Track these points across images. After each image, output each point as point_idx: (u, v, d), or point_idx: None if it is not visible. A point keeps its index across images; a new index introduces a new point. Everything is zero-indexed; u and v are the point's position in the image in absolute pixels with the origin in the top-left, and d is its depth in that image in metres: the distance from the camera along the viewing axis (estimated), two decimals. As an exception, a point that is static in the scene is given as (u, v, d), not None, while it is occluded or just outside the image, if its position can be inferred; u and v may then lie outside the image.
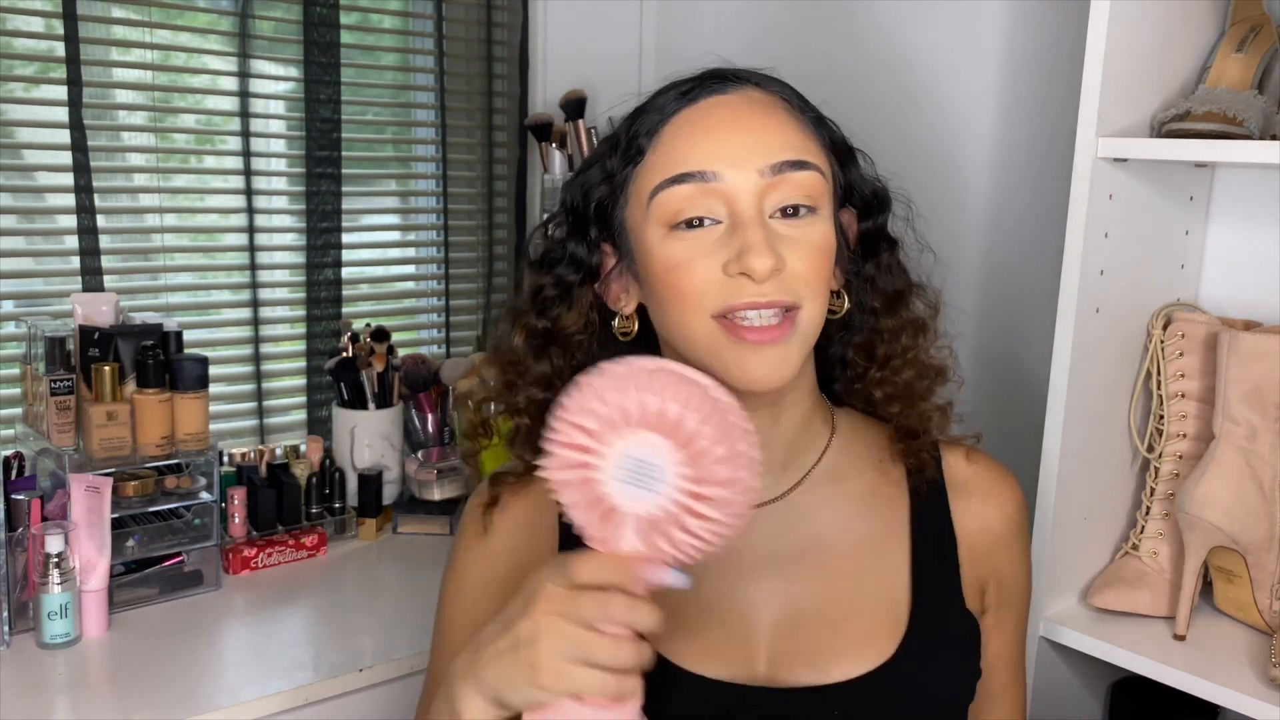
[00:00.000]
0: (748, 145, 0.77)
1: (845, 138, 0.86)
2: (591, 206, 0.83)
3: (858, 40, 1.67)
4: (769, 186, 0.76)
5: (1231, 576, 1.16)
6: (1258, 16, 1.17)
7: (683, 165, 0.77)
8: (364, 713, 1.27)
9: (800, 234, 0.77)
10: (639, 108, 0.83)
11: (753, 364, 0.76)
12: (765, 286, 0.74)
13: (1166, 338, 1.19)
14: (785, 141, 0.77)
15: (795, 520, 0.85)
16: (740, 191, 0.76)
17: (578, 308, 0.85)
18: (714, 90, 0.80)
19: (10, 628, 1.28)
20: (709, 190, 0.76)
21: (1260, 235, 1.25)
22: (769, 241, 0.74)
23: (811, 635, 0.82)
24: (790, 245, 0.76)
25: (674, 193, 0.77)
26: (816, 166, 0.78)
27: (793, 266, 0.76)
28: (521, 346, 0.86)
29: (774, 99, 0.81)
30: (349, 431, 1.69)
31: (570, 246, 0.84)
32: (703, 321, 0.77)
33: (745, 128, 0.78)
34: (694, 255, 0.76)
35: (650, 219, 0.78)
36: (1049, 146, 1.44)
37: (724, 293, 0.75)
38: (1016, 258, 1.50)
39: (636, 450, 0.64)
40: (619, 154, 0.82)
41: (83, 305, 1.42)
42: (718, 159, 0.76)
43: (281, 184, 1.77)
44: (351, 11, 1.78)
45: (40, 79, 1.56)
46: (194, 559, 1.44)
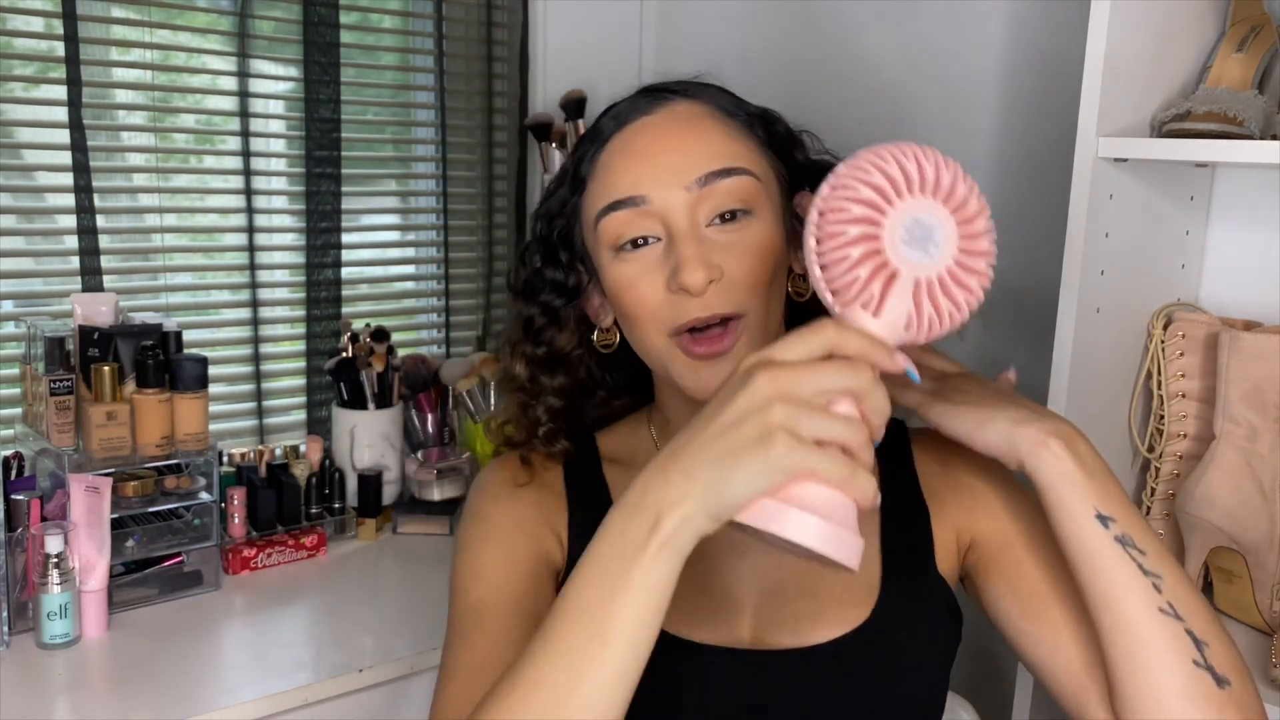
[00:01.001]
0: (672, 164, 0.80)
1: (787, 127, 0.88)
2: (555, 234, 0.88)
3: (857, 40, 1.67)
4: (699, 199, 0.80)
5: (1232, 576, 1.16)
6: (1258, 16, 1.17)
7: (616, 192, 0.82)
8: (364, 713, 1.27)
9: (736, 238, 0.80)
10: (583, 135, 0.89)
11: (705, 376, 0.80)
12: (706, 298, 0.78)
13: (1167, 338, 1.19)
14: (710, 152, 0.81)
15: None
16: (671, 209, 0.80)
17: (567, 328, 0.90)
18: (642, 111, 0.84)
19: (10, 628, 1.28)
20: (643, 213, 0.80)
21: (1260, 235, 1.25)
22: (701, 255, 0.78)
23: (792, 604, 0.85)
24: (727, 251, 0.80)
25: (613, 219, 0.81)
26: (746, 170, 0.81)
27: (731, 273, 0.79)
28: (526, 371, 0.91)
29: (702, 108, 0.84)
30: (349, 431, 1.69)
31: (548, 273, 0.89)
32: (659, 338, 0.81)
33: (669, 147, 0.81)
34: (639, 275, 0.81)
35: (600, 243, 0.83)
36: (1049, 146, 1.44)
37: (671, 311, 0.80)
38: (1016, 258, 1.50)
39: (920, 212, 0.64)
40: (568, 183, 0.87)
41: (82, 305, 1.41)
42: (645, 182, 0.80)
43: (281, 184, 1.77)
44: (351, 11, 1.78)
45: (40, 79, 1.56)
46: (194, 559, 1.44)
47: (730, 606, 0.86)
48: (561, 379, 0.91)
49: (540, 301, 0.90)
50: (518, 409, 0.92)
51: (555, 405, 0.91)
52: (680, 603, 0.83)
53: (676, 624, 0.84)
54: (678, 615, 0.83)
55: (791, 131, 0.89)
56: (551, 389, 0.91)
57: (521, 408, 0.92)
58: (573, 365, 0.92)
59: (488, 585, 0.85)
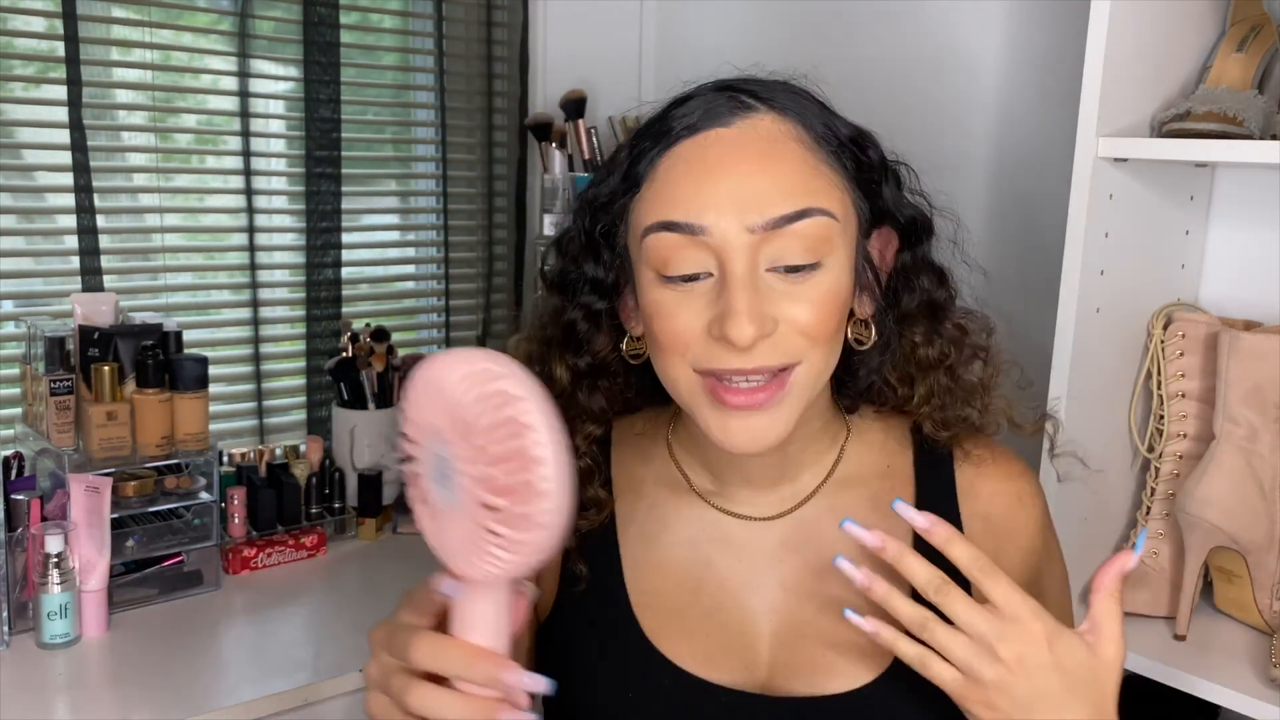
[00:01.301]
0: (740, 197, 0.71)
1: (881, 155, 0.79)
2: (598, 229, 0.80)
3: (857, 40, 1.67)
4: (764, 240, 0.71)
5: (1232, 576, 1.16)
6: (1258, 16, 1.17)
7: (672, 211, 0.72)
8: (364, 713, 1.26)
9: (801, 289, 0.72)
10: (648, 122, 0.78)
11: (735, 428, 0.73)
12: (751, 353, 0.71)
13: (1167, 338, 1.19)
14: (785, 189, 0.72)
15: (799, 532, 0.84)
16: (730, 247, 0.71)
17: (604, 331, 0.83)
18: (717, 119, 0.74)
19: (10, 628, 1.28)
20: (698, 243, 0.71)
21: (1260, 235, 1.25)
22: (753, 307, 0.70)
23: (807, 649, 0.81)
24: (787, 300, 0.72)
25: (662, 239, 0.73)
26: (824, 211, 0.72)
27: (790, 324, 0.72)
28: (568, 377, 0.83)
29: (786, 129, 0.74)
30: (349, 431, 1.69)
31: (588, 269, 0.81)
32: (685, 372, 0.74)
33: (740, 174, 0.72)
34: (679, 306, 0.73)
35: (643, 259, 0.75)
36: (1049, 146, 1.44)
37: (706, 353, 0.72)
38: (1016, 258, 1.50)
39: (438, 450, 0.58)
40: (620, 178, 0.78)
41: (82, 305, 1.41)
42: (707, 210, 0.71)
43: (281, 184, 1.77)
44: (351, 11, 1.78)
45: (40, 79, 1.56)
46: (194, 559, 1.44)
47: (743, 645, 0.82)
48: (600, 400, 0.84)
49: (581, 303, 0.82)
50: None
51: (593, 433, 0.84)
52: (691, 636, 0.82)
53: (687, 659, 0.81)
54: (689, 650, 0.82)
55: (885, 162, 0.79)
56: (589, 412, 0.84)
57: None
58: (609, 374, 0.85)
59: None
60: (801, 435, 0.81)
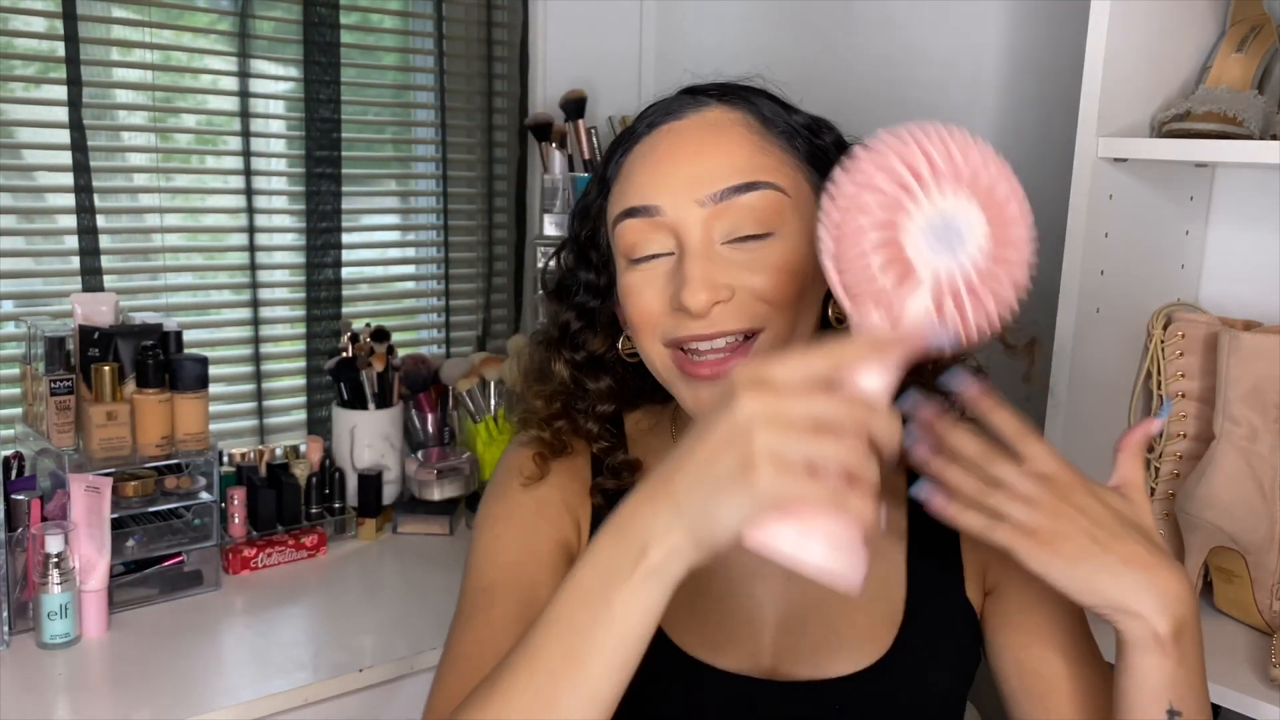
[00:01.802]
0: (689, 175, 0.77)
1: (838, 138, 0.84)
2: (584, 234, 0.86)
3: (857, 40, 1.67)
4: (714, 215, 0.76)
5: (1231, 576, 1.16)
6: (1258, 16, 1.17)
7: (632, 199, 0.79)
8: (364, 713, 1.27)
9: (754, 258, 0.76)
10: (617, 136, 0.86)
11: (706, 398, 0.77)
12: (710, 318, 0.75)
13: (1166, 338, 1.19)
14: (731, 166, 0.77)
15: None
16: (684, 223, 0.77)
17: (600, 331, 0.88)
18: (672, 114, 0.81)
19: (10, 628, 1.28)
20: (656, 223, 0.78)
21: (1260, 235, 1.25)
22: (706, 275, 0.75)
23: (811, 633, 0.83)
24: (743, 269, 0.76)
25: (627, 226, 0.79)
26: (771, 184, 0.77)
27: (744, 290, 0.76)
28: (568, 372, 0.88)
29: (734, 116, 0.80)
30: (349, 431, 1.69)
31: (581, 274, 0.87)
32: (657, 349, 0.80)
33: (688, 156, 0.78)
34: (644, 284, 0.79)
35: (617, 249, 0.82)
36: (1049, 146, 1.44)
37: (671, 325, 0.78)
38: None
39: (951, 208, 0.59)
40: (596, 184, 0.86)
41: (83, 305, 1.41)
42: (661, 192, 0.77)
43: (281, 184, 1.77)
44: (351, 11, 1.78)
45: (40, 79, 1.56)
46: (194, 559, 1.44)
47: (749, 632, 0.84)
48: (607, 381, 0.89)
49: (575, 304, 0.88)
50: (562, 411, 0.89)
51: (605, 411, 0.89)
52: (700, 625, 0.83)
53: (695, 646, 0.83)
54: (697, 637, 0.83)
55: (843, 142, 0.84)
56: (598, 393, 0.89)
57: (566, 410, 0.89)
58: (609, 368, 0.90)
59: (501, 568, 0.84)
60: None
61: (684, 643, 0.83)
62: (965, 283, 0.59)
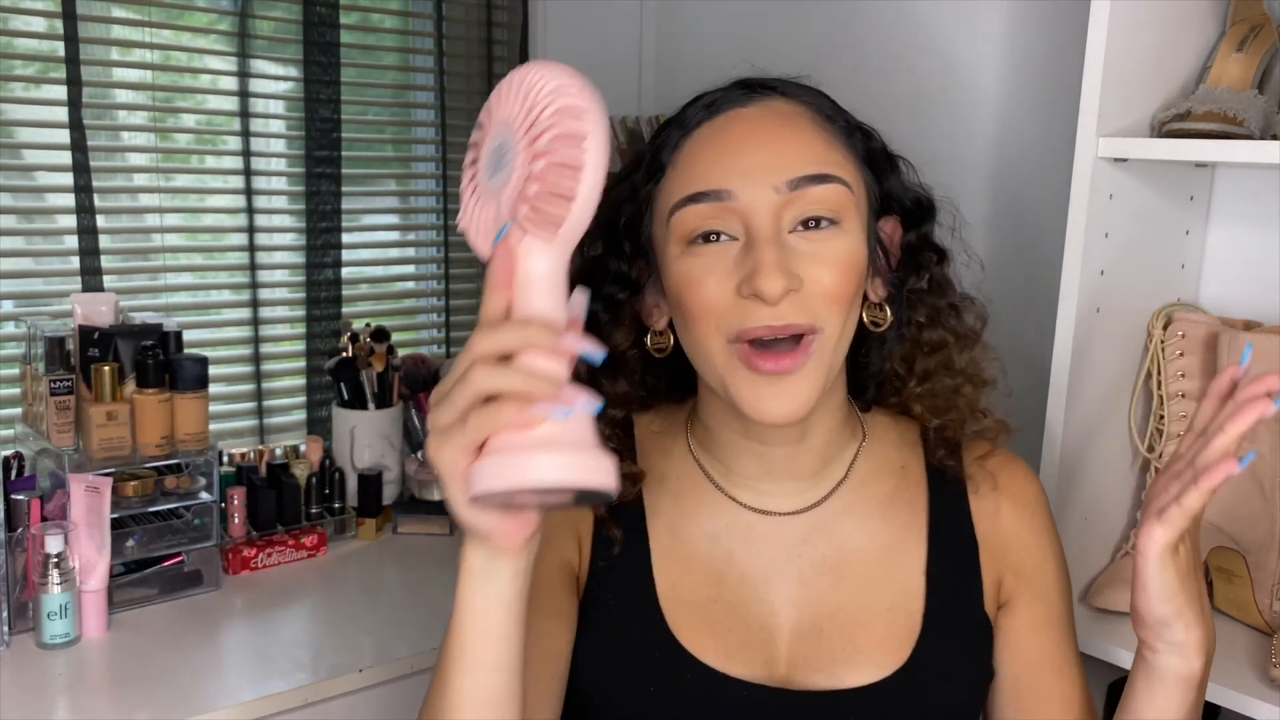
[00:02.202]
0: (763, 161, 0.75)
1: (884, 145, 0.84)
2: (622, 222, 0.83)
3: (857, 41, 1.67)
4: (787, 203, 0.75)
5: (1231, 576, 1.16)
6: (1258, 16, 1.17)
7: (699, 184, 0.76)
8: (364, 713, 1.27)
9: (821, 248, 0.75)
10: (667, 121, 0.82)
11: (767, 396, 0.75)
12: (780, 309, 0.73)
13: (1167, 338, 1.19)
14: (805, 155, 0.76)
15: (818, 529, 0.85)
16: (756, 209, 0.74)
17: (624, 325, 0.85)
18: (735, 103, 0.79)
19: (10, 628, 1.28)
20: (725, 209, 0.75)
21: (1260, 235, 1.25)
22: (781, 262, 0.73)
23: (827, 643, 0.83)
24: (810, 261, 0.74)
25: (691, 211, 0.76)
26: (840, 179, 0.76)
27: (812, 282, 0.74)
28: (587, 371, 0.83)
29: (799, 109, 0.79)
30: (349, 431, 1.69)
31: (612, 264, 0.83)
32: (718, 343, 0.76)
33: (762, 142, 0.76)
34: (707, 272, 0.75)
35: (670, 236, 0.78)
36: (1049, 146, 1.44)
37: (737, 315, 0.74)
38: (1017, 258, 1.50)
39: (498, 138, 0.64)
40: (644, 169, 0.81)
41: (82, 305, 1.41)
42: (733, 176, 0.75)
43: (281, 184, 1.77)
44: (351, 11, 1.78)
45: (40, 79, 1.56)
46: (194, 559, 1.44)
47: (764, 638, 0.83)
48: (623, 385, 0.86)
49: (603, 295, 0.83)
50: None
51: (617, 417, 0.86)
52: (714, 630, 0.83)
53: (709, 653, 0.82)
54: (711, 644, 0.82)
55: (889, 152, 0.84)
56: (613, 397, 0.85)
57: None
58: (629, 368, 0.87)
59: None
60: (822, 429, 0.83)
61: (699, 650, 0.82)
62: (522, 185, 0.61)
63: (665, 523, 0.86)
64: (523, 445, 0.58)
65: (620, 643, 0.84)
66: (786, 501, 0.85)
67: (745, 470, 0.85)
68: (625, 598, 0.85)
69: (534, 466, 0.57)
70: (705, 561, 0.85)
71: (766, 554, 0.85)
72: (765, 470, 0.85)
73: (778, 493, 0.85)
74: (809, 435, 0.83)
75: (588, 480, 0.58)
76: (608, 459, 0.59)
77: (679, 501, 0.87)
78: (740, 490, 0.86)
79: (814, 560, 0.84)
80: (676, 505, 0.87)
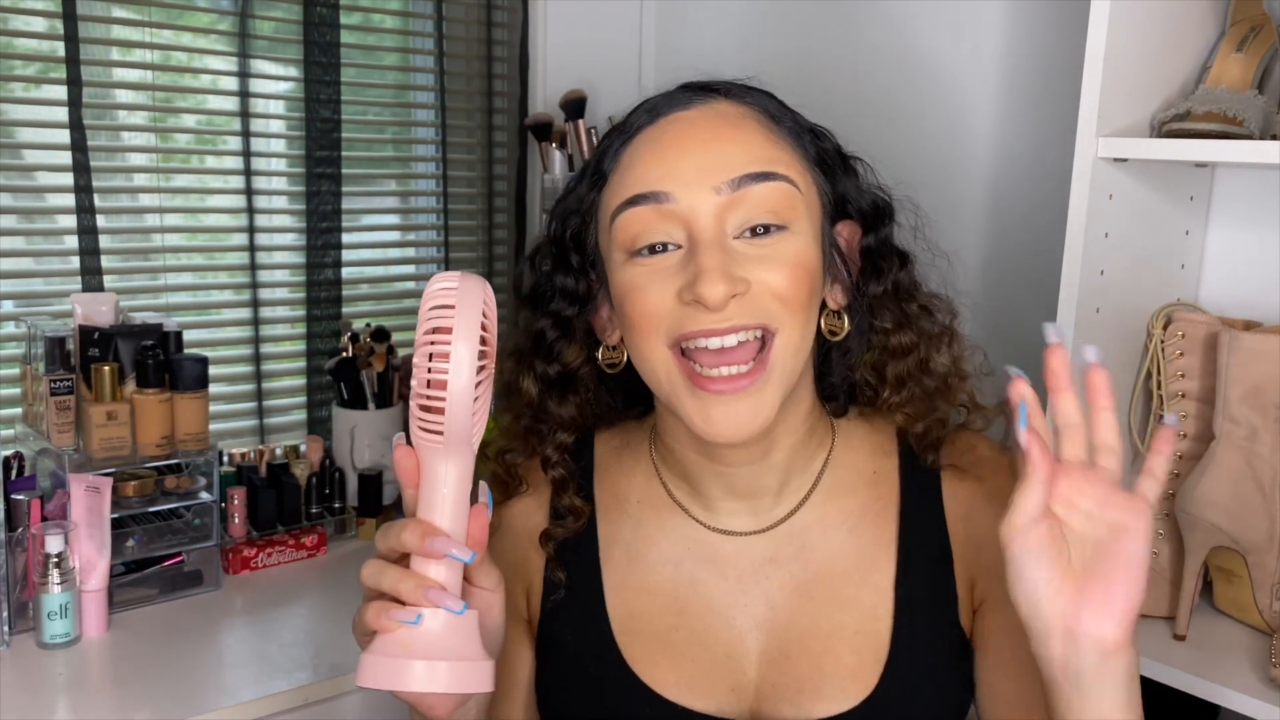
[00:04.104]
0: (702, 162, 0.73)
1: (838, 146, 0.81)
2: (568, 235, 0.80)
3: (857, 40, 1.67)
4: (729, 204, 0.72)
5: (1231, 576, 1.16)
6: (1258, 16, 1.17)
7: (638, 186, 0.74)
8: (364, 713, 1.27)
9: (768, 252, 0.72)
10: (611, 129, 0.81)
11: (718, 416, 0.72)
12: (725, 312, 0.70)
13: (1166, 338, 1.19)
14: (747, 154, 0.73)
15: (785, 545, 0.82)
16: (696, 212, 0.72)
17: (575, 341, 0.83)
18: (676, 106, 0.77)
19: (10, 628, 1.28)
20: (664, 212, 0.72)
21: (1260, 235, 1.25)
22: (724, 266, 0.70)
23: (795, 670, 0.80)
24: (756, 264, 0.72)
25: (630, 215, 0.74)
26: (784, 177, 0.74)
27: (760, 284, 0.71)
28: (535, 389, 0.83)
29: (744, 110, 0.77)
30: (349, 431, 1.69)
31: (558, 279, 0.82)
32: (659, 351, 0.73)
33: (702, 143, 0.74)
34: (649, 279, 0.73)
35: (614, 243, 0.75)
36: (1049, 146, 1.44)
37: (679, 321, 0.72)
38: (1016, 258, 1.50)
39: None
40: (587, 178, 0.80)
41: (83, 305, 1.41)
42: (671, 178, 0.73)
43: (281, 184, 1.77)
44: (351, 11, 1.78)
45: (41, 79, 1.56)
46: (194, 559, 1.44)
47: (730, 668, 0.81)
48: (571, 409, 0.84)
49: (550, 311, 0.82)
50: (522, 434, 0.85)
51: (565, 441, 0.84)
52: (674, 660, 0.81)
53: (669, 687, 0.80)
54: (672, 677, 0.80)
55: (843, 153, 0.81)
56: (560, 420, 0.84)
57: (526, 434, 0.84)
58: (581, 385, 0.85)
59: None
60: (787, 444, 0.80)
61: (659, 684, 0.80)
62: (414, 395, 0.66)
63: (623, 552, 0.84)
64: (399, 647, 0.64)
65: (578, 679, 0.83)
66: (752, 520, 0.82)
67: (708, 491, 0.82)
68: (580, 633, 0.83)
69: (405, 673, 0.63)
70: (668, 589, 0.82)
71: (732, 576, 0.82)
72: (728, 490, 0.82)
73: (742, 511, 0.82)
74: (772, 451, 0.79)
75: (459, 688, 0.64)
76: (483, 663, 0.64)
77: (640, 527, 0.84)
78: (704, 511, 0.83)
79: (781, 581, 0.81)
80: (637, 531, 0.84)
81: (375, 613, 0.65)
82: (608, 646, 0.82)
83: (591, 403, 0.87)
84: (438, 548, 0.65)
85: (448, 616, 0.64)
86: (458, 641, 0.64)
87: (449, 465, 0.66)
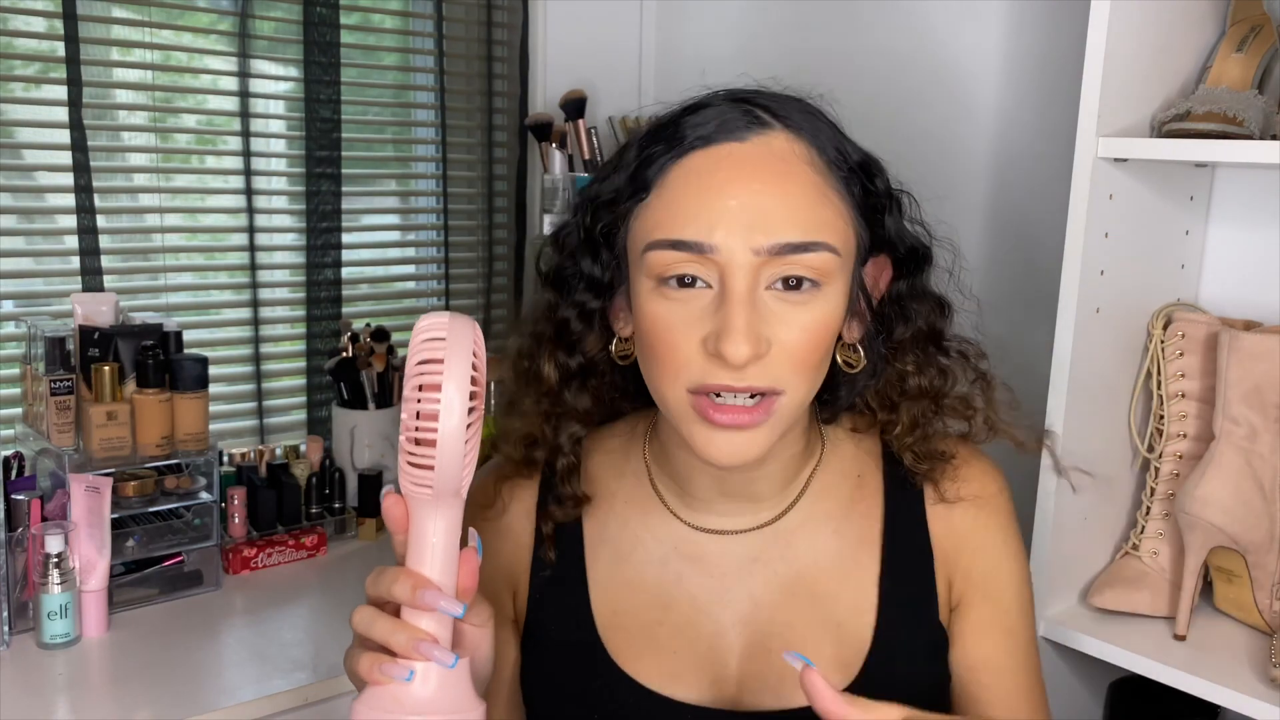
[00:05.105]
0: (749, 217, 0.71)
1: (888, 184, 0.79)
2: (599, 227, 0.79)
3: (857, 40, 1.67)
4: (766, 263, 0.71)
5: (1231, 576, 1.16)
6: (1258, 16, 1.17)
7: (679, 231, 0.72)
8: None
9: (796, 311, 0.72)
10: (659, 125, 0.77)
11: (720, 442, 0.73)
12: (744, 371, 0.71)
13: (1166, 338, 1.19)
14: (795, 217, 0.72)
15: (771, 546, 0.84)
16: (734, 266, 0.71)
17: (595, 330, 0.82)
18: (732, 133, 0.73)
19: (10, 628, 1.28)
20: (703, 259, 0.72)
21: (1260, 235, 1.25)
22: (751, 326, 0.70)
23: (776, 662, 0.81)
24: (781, 323, 0.72)
25: (666, 255, 0.73)
26: (829, 247, 0.72)
27: (780, 346, 0.72)
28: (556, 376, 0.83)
29: (799, 150, 0.74)
30: (349, 431, 1.69)
31: (585, 267, 0.80)
32: (677, 392, 0.74)
33: (752, 193, 0.71)
34: (677, 321, 0.72)
35: (643, 269, 0.74)
36: (1049, 146, 1.44)
37: (700, 371, 0.72)
38: (1017, 258, 1.50)
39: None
40: (628, 179, 0.77)
41: (83, 305, 1.41)
42: (716, 229, 0.71)
43: (281, 184, 1.77)
44: (351, 11, 1.78)
45: (41, 79, 1.56)
46: (194, 559, 1.44)
47: (712, 659, 0.82)
48: (586, 400, 0.84)
49: (576, 301, 0.81)
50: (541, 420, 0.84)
51: (579, 434, 0.84)
52: (659, 653, 0.82)
53: (652, 677, 0.81)
54: (654, 667, 0.81)
55: (890, 190, 0.79)
56: (576, 413, 0.83)
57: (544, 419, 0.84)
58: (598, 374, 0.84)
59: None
60: (781, 458, 0.82)
61: (642, 675, 0.81)
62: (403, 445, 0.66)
63: (609, 550, 0.85)
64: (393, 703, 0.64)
65: (561, 669, 0.84)
66: (740, 521, 0.84)
67: (700, 492, 0.83)
68: (564, 626, 0.84)
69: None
70: (653, 585, 0.83)
71: (717, 573, 0.83)
72: (721, 492, 0.83)
73: (732, 512, 0.83)
74: (768, 463, 0.80)
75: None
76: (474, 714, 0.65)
77: (626, 526, 0.85)
78: (692, 512, 0.84)
79: (766, 578, 0.83)
80: (623, 530, 0.85)
81: (368, 665, 0.65)
82: (592, 642, 0.83)
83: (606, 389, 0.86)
84: (428, 601, 0.65)
85: (440, 671, 0.64)
86: (449, 695, 0.64)
87: (438, 516, 0.66)
